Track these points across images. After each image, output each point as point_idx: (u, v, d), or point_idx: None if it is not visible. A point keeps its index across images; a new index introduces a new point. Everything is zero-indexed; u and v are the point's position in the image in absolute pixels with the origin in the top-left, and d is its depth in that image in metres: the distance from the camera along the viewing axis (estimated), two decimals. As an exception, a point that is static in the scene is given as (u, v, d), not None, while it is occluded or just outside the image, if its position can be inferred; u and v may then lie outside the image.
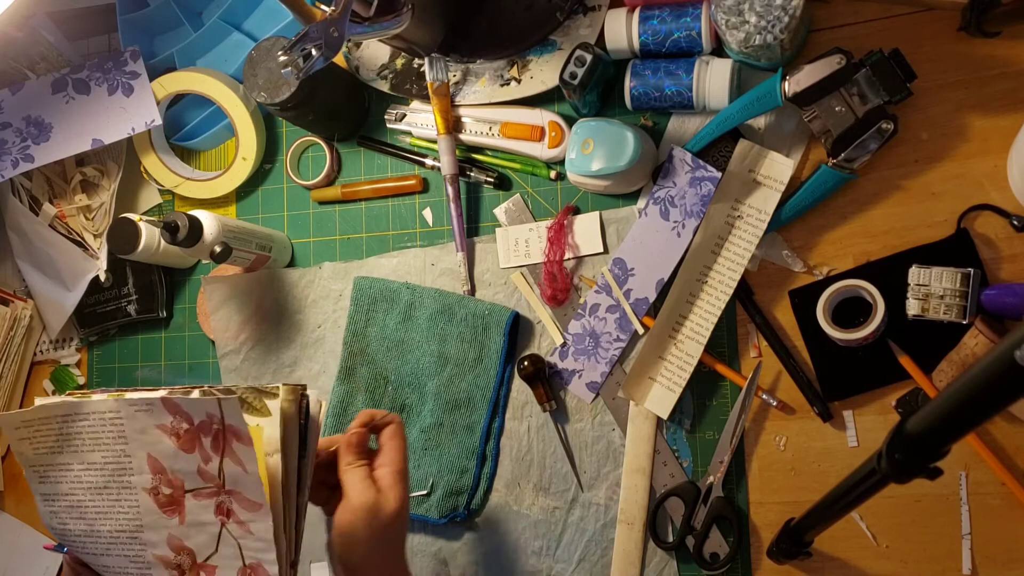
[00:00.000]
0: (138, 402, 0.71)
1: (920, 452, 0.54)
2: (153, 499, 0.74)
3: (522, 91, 0.97)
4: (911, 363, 0.83)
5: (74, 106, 1.09)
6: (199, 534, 0.73)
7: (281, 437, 0.70)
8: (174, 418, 0.71)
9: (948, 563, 0.83)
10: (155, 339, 1.12)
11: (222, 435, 0.69)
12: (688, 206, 0.91)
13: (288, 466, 0.71)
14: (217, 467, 0.70)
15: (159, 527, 0.74)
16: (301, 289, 1.05)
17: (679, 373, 0.90)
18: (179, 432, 0.71)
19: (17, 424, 0.77)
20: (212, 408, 0.68)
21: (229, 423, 0.68)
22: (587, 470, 0.94)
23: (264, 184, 1.10)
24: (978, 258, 0.83)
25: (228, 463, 0.70)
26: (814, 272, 0.89)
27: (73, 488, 0.76)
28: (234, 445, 0.69)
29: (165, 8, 1.11)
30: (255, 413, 0.71)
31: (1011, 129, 0.83)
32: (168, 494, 0.73)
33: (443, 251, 1.01)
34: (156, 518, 0.74)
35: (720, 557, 0.88)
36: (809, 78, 0.84)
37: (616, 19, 0.92)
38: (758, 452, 0.89)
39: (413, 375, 0.98)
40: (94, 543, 0.77)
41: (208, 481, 0.71)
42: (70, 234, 1.13)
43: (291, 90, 0.94)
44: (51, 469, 0.77)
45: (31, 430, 0.77)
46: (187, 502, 0.72)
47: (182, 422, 0.71)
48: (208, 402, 0.68)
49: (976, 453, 0.82)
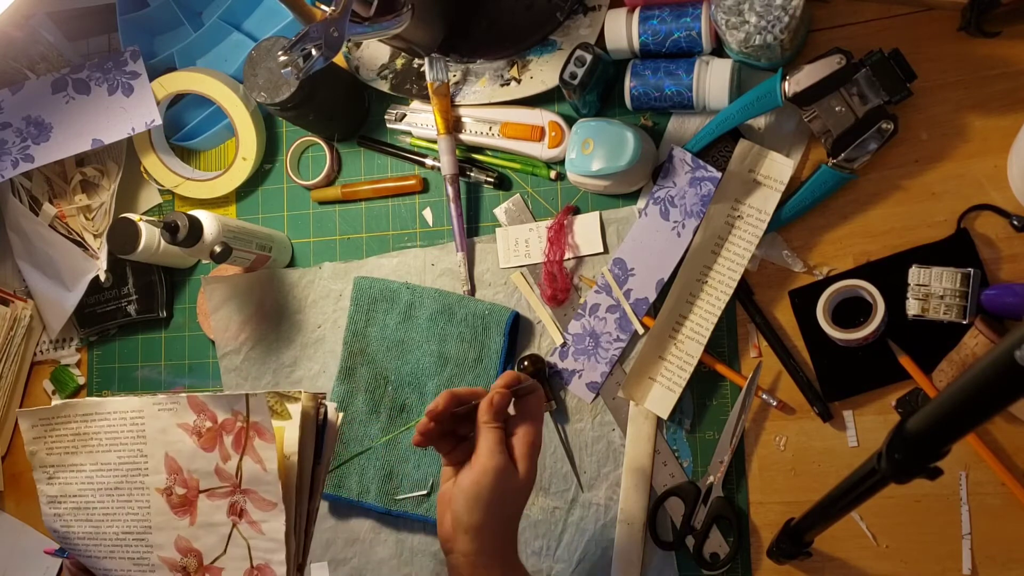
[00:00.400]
0: (163, 400, 0.74)
1: (920, 452, 0.54)
2: (165, 499, 0.75)
3: (522, 91, 0.97)
4: (911, 363, 0.83)
5: (74, 106, 1.09)
6: (209, 535, 0.74)
7: (299, 440, 0.71)
8: (198, 416, 0.73)
9: (948, 563, 0.83)
10: (155, 339, 1.12)
11: (245, 432, 0.71)
12: (688, 206, 0.91)
13: (303, 469, 0.72)
14: (236, 465, 0.72)
15: (168, 528, 0.75)
16: (301, 289, 1.05)
17: (679, 373, 0.90)
18: (201, 431, 0.73)
19: (35, 421, 0.79)
20: (239, 404, 0.70)
21: (254, 420, 0.70)
22: (587, 470, 0.94)
23: (264, 184, 1.10)
24: (978, 258, 0.83)
25: (247, 461, 0.71)
26: (814, 272, 0.89)
27: (83, 489, 0.78)
28: (256, 443, 0.70)
29: (165, 8, 1.11)
30: (276, 416, 0.72)
31: (1011, 129, 0.83)
32: (181, 494, 0.74)
33: (443, 251, 1.01)
34: (166, 519, 0.75)
35: (720, 557, 0.88)
36: (809, 78, 0.84)
37: (616, 19, 0.92)
38: (758, 452, 0.89)
39: (413, 375, 0.98)
40: (97, 546, 0.78)
41: (224, 481, 0.72)
42: (70, 234, 1.13)
43: (291, 90, 0.94)
44: (62, 470, 0.78)
45: (48, 428, 0.78)
46: (200, 503, 0.74)
47: (206, 420, 0.72)
48: (236, 398, 0.70)
49: (976, 453, 0.82)
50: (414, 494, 0.96)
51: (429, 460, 0.97)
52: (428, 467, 0.97)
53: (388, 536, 0.99)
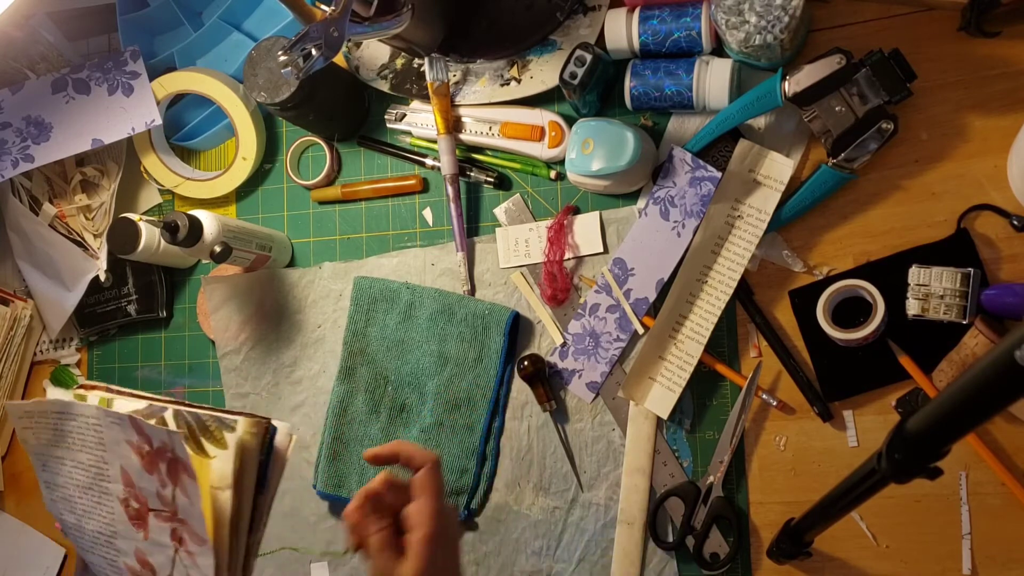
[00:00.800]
0: (113, 414, 0.71)
1: (920, 452, 0.54)
2: (124, 510, 0.73)
3: (522, 91, 0.97)
4: (911, 363, 0.83)
5: (74, 106, 1.09)
6: (159, 554, 0.72)
7: (234, 472, 0.68)
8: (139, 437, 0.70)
9: (948, 563, 0.83)
10: (155, 339, 1.12)
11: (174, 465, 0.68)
12: (688, 206, 0.91)
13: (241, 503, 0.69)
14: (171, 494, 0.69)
15: (129, 538, 0.74)
16: (301, 289, 1.05)
17: (679, 373, 0.90)
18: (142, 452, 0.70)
19: (20, 414, 0.79)
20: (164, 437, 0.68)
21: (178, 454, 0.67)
22: (587, 470, 0.94)
23: (264, 184, 1.10)
24: (978, 258, 0.83)
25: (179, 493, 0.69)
26: (814, 272, 0.89)
27: (66, 482, 0.78)
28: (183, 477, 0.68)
29: (165, 8, 1.11)
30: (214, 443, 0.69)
31: (1011, 129, 0.83)
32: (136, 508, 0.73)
33: (443, 251, 1.01)
34: (126, 528, 0.74)
35: (720, 557, 0.88)
36: (809, 78, 0.84)
37: (616, 19, 0.92)
38: (758, 452, 0.89)
39: (413, 375, 0.98)
40: (81, 537, 0.78)
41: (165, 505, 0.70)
42: (70, 234, 1.13)
43: (291, 90, 0.94)
44: (50, 460, 0.79)
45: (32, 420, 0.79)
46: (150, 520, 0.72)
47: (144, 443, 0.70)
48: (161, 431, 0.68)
49: (976, 453, 0.82)
50: (414, 494, 0.96)
51: (429, 460, 0.97)
52: (428, 467, 0.97)
53: (388, 536, 0.99)
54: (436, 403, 0.97)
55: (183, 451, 0.67)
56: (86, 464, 0.76)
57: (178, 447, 0.67)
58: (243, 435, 0.68)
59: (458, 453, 0.96)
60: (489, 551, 0.96)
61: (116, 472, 0.73)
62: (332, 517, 1.01)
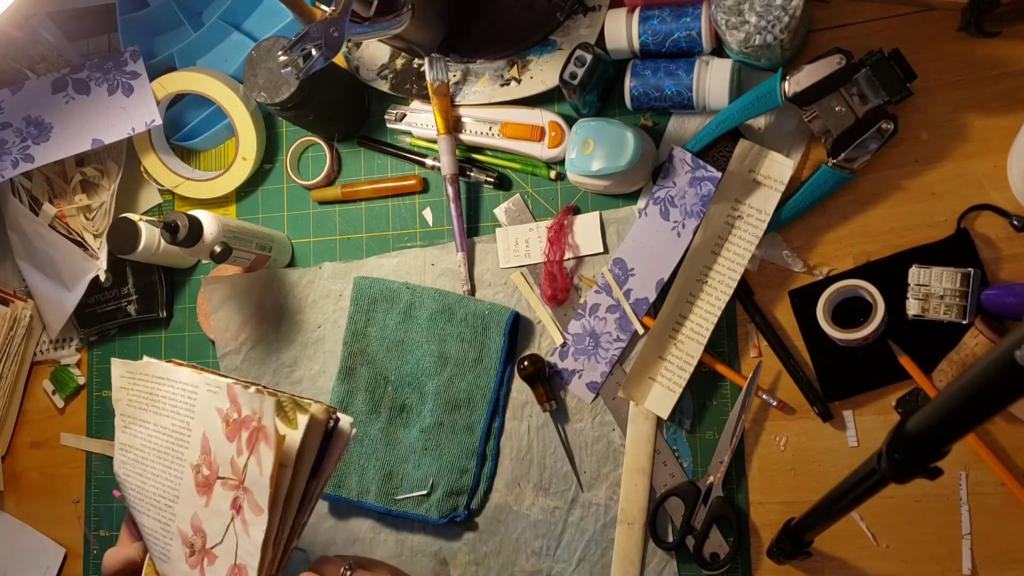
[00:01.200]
0: (213, 382, 0.76)
1: (920, 452, 0.54)
2: (194, 476, 0.77)
3: (522, 91, 0.97)
4: (911, 363, 0.83)
5: (74, 106, 1.09)
6: (215, 521, 0.75)
7: (298, 451, 0.71)
8: (231, 405, 0.74)
9: (948, 563, 0.83)
10: (155, 339, 1.12)
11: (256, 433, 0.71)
12: (688, 206, 0.91)
13: (297, 482, 0.72)
14: (244, 462, 0.72)
15: (190, 503, 0.77)
16: (301, 289, 1.05)
17: (679, 373, 0.90)
18: (229, 420, 0.74)
19: (123, 372, 0.85)
20: (257, 405, 0.71)
21: (263, 423, 0.71)
22: (587, 470, 0.94)
23: (264, 184, 1.10)
24: (978, 258, 0.83)
25: (252, 462, 0.72)
26: (814, 272, 0.89)
27: (143, 445, 0.82)
28: (261, 446, 0.71)
29: (165, 8, 1.11)
30: (287, 423, 0.72)
31: (1011, 129, 0.83)
32: (205, 475, 0.76)
33: (443, 251, 1.01)
34: (190, 494, 0.77)
35: (720, 557, 0.88)
36: (809, 78, 0.84)
37: (616, 19, 0.92)
38: (758, 452, 0.89)
39: (413, 375, 0.98)
40: (140, 500, 0.81)
41: (235, 473, 0.74)
42: (70, 234, 1.13)
43: (291, 90, 0.94)
44: (133, 423, 0.83)
45: (132, 380, 0.83)
46: (215, 488, 0.75)
47: (234, 411, 0.74)
48: (256, 398, 0.71)
49: (976, 453, 0.82)
50: (414, 494, 0.97)
51: (429, 460, 0.97)
52: (428, 467, 0.97)
53: (388, 536, 0.99)
54: (436, 403, 0.97)
55: (271, 419, 0.70)
56: (168, 429, 0.79)
57: (267, 415, 0.70)
58: (313, 418, 0.71)
59: (458, 453, 0.96)
60: (489, 551, 0.96)
61: (197, 438, 0.77)
62: (332, 517, 1.01)
